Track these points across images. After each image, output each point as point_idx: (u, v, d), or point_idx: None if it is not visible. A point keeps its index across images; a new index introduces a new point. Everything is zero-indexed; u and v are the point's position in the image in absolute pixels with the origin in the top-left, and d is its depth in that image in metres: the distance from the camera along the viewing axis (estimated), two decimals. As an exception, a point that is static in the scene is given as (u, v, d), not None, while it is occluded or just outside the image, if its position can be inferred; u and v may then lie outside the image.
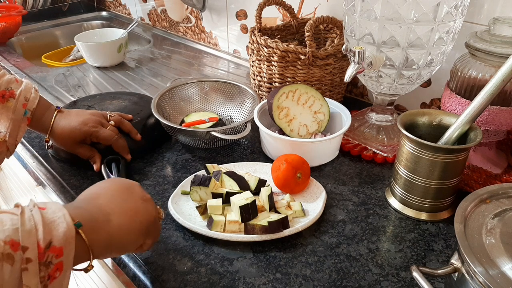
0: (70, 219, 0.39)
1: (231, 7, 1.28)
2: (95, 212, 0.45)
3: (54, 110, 0.73)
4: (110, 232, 0.45)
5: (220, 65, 1.31)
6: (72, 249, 0.38)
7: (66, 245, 0.38)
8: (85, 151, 0.74)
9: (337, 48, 0.88)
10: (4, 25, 1.47)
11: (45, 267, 0.36)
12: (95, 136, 0.73)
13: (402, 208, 0.67)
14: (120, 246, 0.47)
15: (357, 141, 0.83)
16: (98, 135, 0.73)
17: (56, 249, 0.37)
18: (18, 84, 0.69)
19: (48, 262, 0.36)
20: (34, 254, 0.35)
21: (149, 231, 0.51)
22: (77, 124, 0.73)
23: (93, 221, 0.44)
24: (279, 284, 0.55)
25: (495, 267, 0.40)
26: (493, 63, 0.65)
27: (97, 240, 0.43)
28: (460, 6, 0.67)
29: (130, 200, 0.50)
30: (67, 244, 0.38)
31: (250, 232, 0.61)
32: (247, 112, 0.91)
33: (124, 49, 1.30)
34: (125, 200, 0.49)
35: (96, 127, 0.74)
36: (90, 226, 0.43)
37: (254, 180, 0.68)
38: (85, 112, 0.76)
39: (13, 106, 0.66)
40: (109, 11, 1.88)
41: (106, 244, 0.45)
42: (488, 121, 0.68)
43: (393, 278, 0.56)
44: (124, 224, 0.47)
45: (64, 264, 0.37)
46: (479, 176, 0.70)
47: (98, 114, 0.77)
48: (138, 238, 0.49)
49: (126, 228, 0.47)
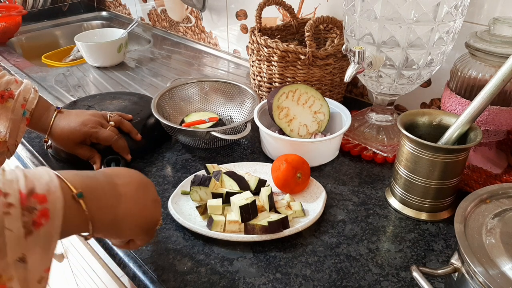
0: (52, 173, 0.40)
1: (231, 7, 1.28)
2: (107, 188, 0.46)
3: (54, 111, 0.73)
4: (116, 213, 0.46)
5: (220, 65, 1.31)
6: (58, 198, 0.38)
7: (50, 193, 0.37)
8: (85, 151, 0.74)
9: (337, 48, 0.89)
10: (4, 25, 1.47)
11: (29, 212, 0.36)
12: (94, 137, 0.73)
13: (402, 208, 0.67)
14: (118, 230, 0.48)
15: (357, 141, 0.83)
16: (97, 136, 0.73)
17: (39, 196, 0.37)
18: (18, 84, 0.69)
19: (31, 208, 0.36)
20: (16, 199, 0.35)
21: (147, 232, 0.51)
22: (76, 125, 0.73)
23: (100, 192, 0.45)
24: (279, 284, 0.55)
25: (495, 267, 0.40)
26: (493, 63, 0.65)
27: (100, 214, 0.44)
28: (460, 6, 0.67)
29: (143, 194, 0.50)
30: (50, 193, 0.38)
31: (250, 232, 0.61)
32: (247, 112, 0.91)
33: (124, 49, 1.30)
34: (139, 192, 0.50)
35: (96, 127, 0.74)
36: (95, 197, 0.43)
37: (254, 180, 0.68)
38: (85, 113, 0.76)
39: (12, 106, 0.66)
40: (109, 11, 1.88)
41: (109, 222, 0.46)
42: (488, 121, 0.68)
43: (393, 278, 0.56)
44: (132, 212, 0.48)
45: (50, 212, 0.37)
46: (479, 176, 0.70)
47: (98, 114, 0.76)
48: (137, 232, 0.50)
49: (131, 217, 0.48)
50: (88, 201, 0.42)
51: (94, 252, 0.81)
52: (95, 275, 0.88)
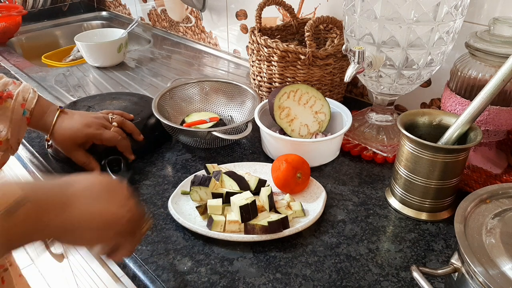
0: None
1: (231, 7, 1.28)
2: (56, 194, 0.44)
3: (56, 110, 0.73)
4: (67, 217, 0.43)
5: (220, 65, 1.31)
6: None
7: None
8: (81, 157, 0.74)
9: (337, 48, 0.89)
10: (4, 25, 1.47)
11: None
12: (98, 138, 0.73)
13: (402, 208, 0.67)
14: (77, 235, 0.45)
15: (357, 141, 0.84)
16: (101, 137, 0.73)
17: None
18: (16, 85, 0.69)
19: None
20: None
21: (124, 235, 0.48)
22: (80, 126, 0.72)
23: (47, 199, 0.43)
24: (279, 284, 0.55)
25: (495, 267, 0.40)
26: (493, 63, 0.65)
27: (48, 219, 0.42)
28: (460, 6, 0.67)
29: (107, 196, 0.47)
30: None
31: (250, 232, 0.61)
32: (247, 112, 0.91)
33: (124, 49, 1.30)
34: (101, 194, 0.47)
35: (100, 129, 0.74)
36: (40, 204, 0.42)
37: (254, 180, 0.68)
38: (88, 115, 0.76)
39: (12, 106, 0.67)
40: (109, 11, 1.88)
41: (61, 226, 0.43)
42: (488, 121, 0.68)
43: (393, 278, 0.56)
44: (88, 215, 0.45)
45: None
46: (479, 176, 0.70)
47: (100, 116, 0.77)
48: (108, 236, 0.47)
49: (89, 220, 0.45)
50: (30, 208, 0.40)
51: (94, 252, 0.81)
52: (95, 275, 0.88)
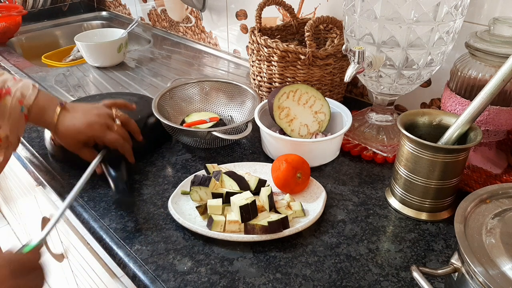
0: None
1: (231, 7, 1.28)
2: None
3: (58, 106, 0.72)
4: None
5: (220, 65, 1.31)
6: None
7: None
8: (88, 154, 0.73)
9: (337, 48, 0.89)
10: (4, 25, 1.47)
11: None
12: (101, 140, 0.72)
13: (402, 208, 0.67)
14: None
15: (357, 141, 0.84)
16: (104, 140, 0.72)
17: None
18: (16, 82, 0.68)
19: None
20: None
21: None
22: (82, 126, 0.71)
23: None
24: (279, 284, 0.55)
25: (495, 267, 0.40)
26: (493, 63, 0.65)
27: None
28: (460, 6, 0.67)
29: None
30: None
31: (250, 232, 0.61)
32: (247, 112, 0.91)
33: (124, 49, 1.30)
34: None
35: (103, 131, 0.72)
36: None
37: (254, 180, 0.68)
38: (92, 112, 0.73)
39: (10, 102, 0.66)
40: (109, 11, 1.88)
41: None
42: (488, 121, 0.68)
43: (393, 278, 0.56)
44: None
45: None
46: (479, 176, 0.70)
47: (104, 115, 0.74)
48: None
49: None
50: None
51: (94, 252, 0.81)
52: (95, 275, 0.88)
